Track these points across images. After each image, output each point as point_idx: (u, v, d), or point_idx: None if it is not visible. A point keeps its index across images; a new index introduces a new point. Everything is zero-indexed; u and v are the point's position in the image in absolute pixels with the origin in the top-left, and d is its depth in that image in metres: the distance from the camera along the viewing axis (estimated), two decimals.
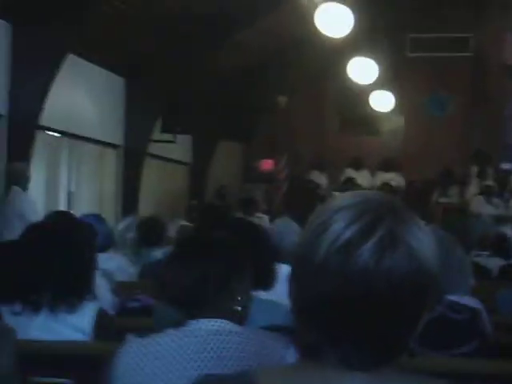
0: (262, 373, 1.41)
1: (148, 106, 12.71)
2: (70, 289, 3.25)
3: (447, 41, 17.43)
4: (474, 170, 15.88)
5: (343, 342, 1.31)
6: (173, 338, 2.43)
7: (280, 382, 1.36)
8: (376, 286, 1.28)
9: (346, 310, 1.29)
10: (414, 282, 1.30)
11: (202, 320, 2.45)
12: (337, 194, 11.19)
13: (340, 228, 1.31)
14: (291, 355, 2.33)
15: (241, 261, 2.64)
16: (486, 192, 14.74)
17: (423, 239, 1.32)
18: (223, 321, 2.46)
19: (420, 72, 17.44)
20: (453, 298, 3.24)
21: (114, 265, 5.88)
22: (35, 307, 3.23)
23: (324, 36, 11.19)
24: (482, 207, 14.44)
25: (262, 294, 3.37)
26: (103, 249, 5.67)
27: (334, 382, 1.33)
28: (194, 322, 2.46)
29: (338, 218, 1.32)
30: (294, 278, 1.38)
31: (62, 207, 10.99)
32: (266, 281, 3.53)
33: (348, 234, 1.30)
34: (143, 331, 2.61)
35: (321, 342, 1.33)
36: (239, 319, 2.56)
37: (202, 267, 2.55)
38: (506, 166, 16.52)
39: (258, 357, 2.34)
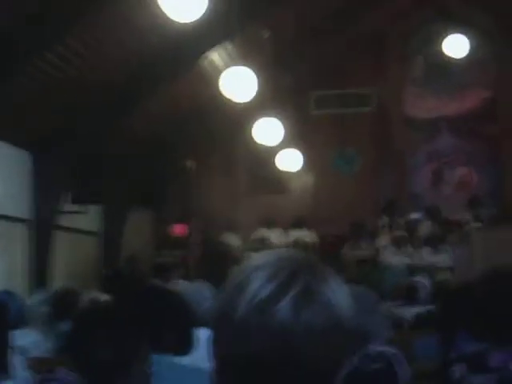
0: None
1: (56, 178, 12.57)
2: None
3: (350, 97, 17.84)
4: (385, 221, 16.13)
5: None
6: None
7: None
8: (294, 341, 1.29)
9: (266, 367, 1.29)
10: (332, 335, 1.31)
11: None
12: (251, 253, 11.22)
13: (257, 287, 1.32)
14: None
15: (145, 327, 2.63)
16: (396, 242, 14.98)
17: (340, 293, 1.34)
18: None
19: (325, 129, 17.78)
20: (367, 347, 3.25)
21: (28, 341, 5.75)
22: None
23: (228, 100, 11.32)
24: (393, 257, 14.65)
25: (182, 360, 3.34)
26: (15, 325, 5.53)
27: None
28: None
29: (255, 278, 1.33)
30: (214, 339, 1.38)
31: None
32: (184, 346, 3.49)
33: (265, 292, 1.31)
34: None
35: None
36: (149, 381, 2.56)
37: (110, 337, 2.52)
38: (414, 215, 16.84)
39: None
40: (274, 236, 16.27)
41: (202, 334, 3.67)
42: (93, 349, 2.52)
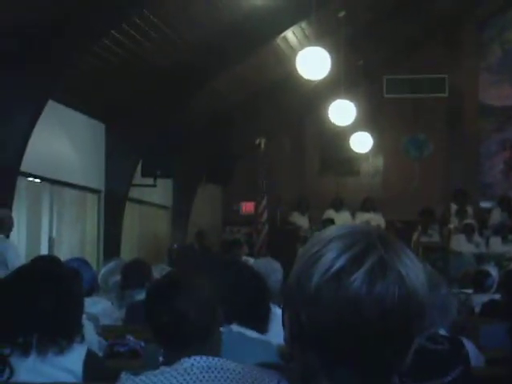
0: None
1: (128, 151, 12.75)
2: (59, 331, 3.25)
3: (423, 82, 17.65)
4: (454, 208, 15.98)
5: (337, 367, 1.34)
6: (167, 376, 2.44)
7: None
8: (368, 312, 1.32)
9: (339, 337, 1.33)
10: (405, 307, 1.34)
11: (194, 357, 2.47)
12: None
13: (332, 258, 1.35)
14: None
15: (216, 298, 2.69)
16: (466, 231, 14.82)
17: (413, 267, 1.37)
18: (214, 357, 2.49)
19: (397, 113, 17.65)
20: (433, 330, 3.27)
21: (99, 309, 5.89)
22: (24, 349, 3.22)
23: (303, 79, 11.34)
24: (463, 246, 14.51)
25: (251, 333, 3.40)
26: (88, 293, 5.68)
27: None
28: (186, 359, 2.48)
29: (330, 249, 1.36)
30: (287, 307, 1.42)
31: (44, 252, 10.95)
32: (259, 320, 3.54)
33: (340, 263, 1.34)
34: (134, 372, 2.63)
35: (316, 368, 1.37)
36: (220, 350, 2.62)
37: (191, 300, 2.60)
38: (485, 204, 16.66)
39: None
40: (342, 218, 16.25)
41: (277, 311, 3.72)
42: (174, 315, 2.58)
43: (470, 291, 8.66)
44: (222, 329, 2.72)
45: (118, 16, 10.09)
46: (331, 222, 15.57)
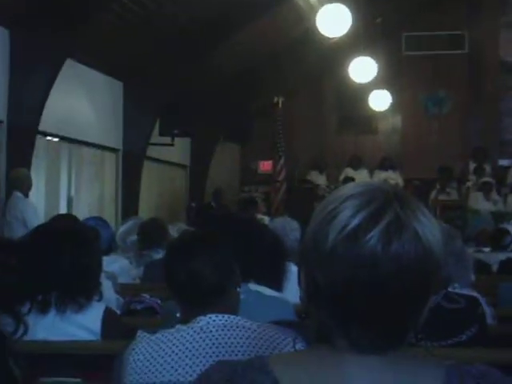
0: (276, 358, 1.46)
1: (146, 109, 12.73)
2: (78, 289, 3.28)
3: (442, 39, 17.47)
4: (472, 166, 15.91)
5: (353, 326, 1.35)
6: (183, 334, 2.46)
7: (293, 365, 1.40)
8: (384, 270, 1.32)
9: (355, 295, 1.33)
10: (421, 265, 1.34)
11: (210, 315, 2.49)
12: None
13: (348, 216, 1.35)
14: (300, 348, 2.36)
15: (232, 257, 2.71)
16: (484, 188, 14.77)
17: (428, 225, 1.37)
18: (230, 316, 2.51)
19: (416, 70, 17.51)
20: (449, 289, 3.27)
21: (117, 267, 5.93)
22: (43, 307, 3.25)
23: (321, 35, 11.26)
24: (481, 203, 14.47)
25: (269, 291, 3.41)
26: (106, 251, 5.72)
27: (346, 364, 1.36)
28: (202, 317, 2.49)
29: (346, 206, 1.36)
30: (303, 265, 1.42)
31: (63, 211, 11.01)
32: (275, 278, 3.56)
33: (356, 221, 1.34)
34: (152, 329, 2.65)
35: (332, 327, 1.37)
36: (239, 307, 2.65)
37: (207, 260, 2.61)
38: (503, 162, 16.56)
39: (267, 350, 2.37)
40: (360, 177, 16.21)
41: (293, 268, 3.74)
42: (190, 274, 2.60)
43: (487, 249, 8.66)
44: (239, 287, 2.73)
45: None
46: (351, 180, 15.55)
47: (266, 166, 17.11)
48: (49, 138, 11.00)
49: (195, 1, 11.38)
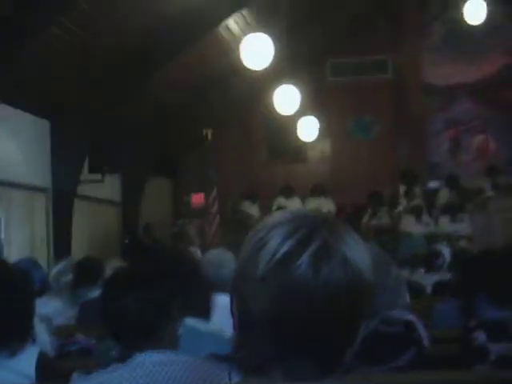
0: None
1: (73, 147, 12.60)
2: (11, 333, 3.22)
3: (366, 64, 17.75)
4: (402, 189, 16.10)
5: (286, 355, 1.34)
6: (119, 372, 2.43)
7: None
8: (314, 297, 1.32)
9: (287, 321, 1.33)
10: (351, 289, 1.34)
11: (146, 352, 2.47)
12: None
13: (277, 243, 1.35)
14: (236, 381, 2.35)
15: (174, 290, 2.70)
16: (415, 211, 14.94)
17: (357, 249, 1.37)
18: (166, 351, 2.49)
19: (342, 96, 17.72)
20: (385, 313, 3.27)
21: (51, 309, 5.84)
22: None
23: (246, 67, 11.32)
24: (413, 226, 14.63)
25: (201, 326, 3.39)
26: (39, 293, 5.62)
27: None
28: (138, 355, 2.47)
29: (275, 234, 1.36)
30: (236, 295, 1.41)
31: None
32: (202, 311, 3.54)
33: (285, 248, 1.34)
34: (87, 370, 2.61)
35: (264, 357, 1.36)
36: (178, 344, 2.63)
37: (141, 298, 2.59)
38: (432, 184, 16.81)
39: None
40: (293, 205, 16.26)
41: (221, 300, 3.72)
42: (125, 312, 2.58)
43: (421, 271, 8.76)
44: (178, 323, 2.71)
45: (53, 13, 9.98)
46: (282, 209, 15.60)
47: (198, 198, 17.08)
48: None
49: (119, 32, 11.34)
